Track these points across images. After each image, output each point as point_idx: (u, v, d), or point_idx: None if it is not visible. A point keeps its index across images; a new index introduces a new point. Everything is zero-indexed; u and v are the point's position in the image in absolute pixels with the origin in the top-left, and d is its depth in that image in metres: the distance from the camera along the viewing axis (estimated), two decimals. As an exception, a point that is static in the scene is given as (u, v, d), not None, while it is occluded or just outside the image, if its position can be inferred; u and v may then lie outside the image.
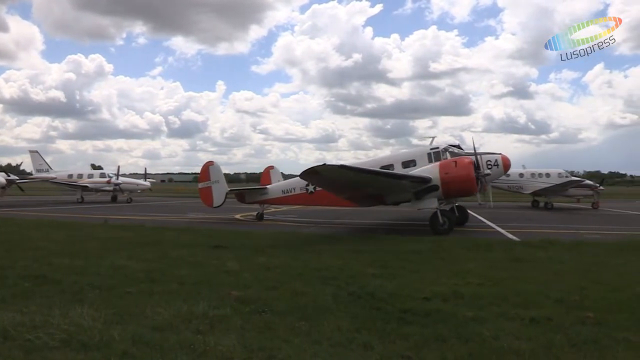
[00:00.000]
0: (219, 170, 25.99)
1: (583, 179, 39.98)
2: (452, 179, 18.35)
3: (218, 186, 25.32)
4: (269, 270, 10.45)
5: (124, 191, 43.66)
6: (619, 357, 5.55)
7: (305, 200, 23.51)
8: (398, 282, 9.21)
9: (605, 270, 10.78)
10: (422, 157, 20.68)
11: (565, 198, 39.58)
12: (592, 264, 11.52)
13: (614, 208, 39.75)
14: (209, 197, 25.54)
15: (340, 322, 6.69)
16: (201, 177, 26.28)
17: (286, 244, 14.67)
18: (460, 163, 18.58)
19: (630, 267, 11.10)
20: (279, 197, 24.34)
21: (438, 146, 21.17)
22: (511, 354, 5.60)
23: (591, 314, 7.18)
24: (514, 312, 7.26)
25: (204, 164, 26.51)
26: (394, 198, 19.84)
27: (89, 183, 43.31)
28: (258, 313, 7.13)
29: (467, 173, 18.44)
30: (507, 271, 10.49)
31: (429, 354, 5.61)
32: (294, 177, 25.23)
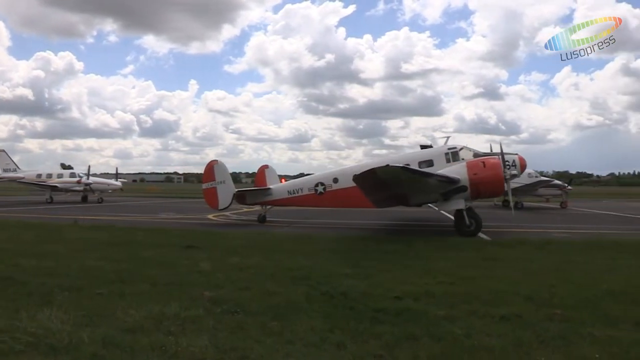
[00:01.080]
0: (224, 170, 24.63)
1: (552, 179, 40.73)
2: (481, 180, 18.14)
3: (224, 187, 23.96)
4: (242, 270, 10.41)
5: (94, 191, 42.98)
6: (584, 351, 5.68)
7: (313, 201, 22.50)
8: (370, 282, 9.27)
9: (573, 268, 11.00)
10: (440, 157, 20.14)
11: (535, 198, 40.26)
12: (560, 262, 11.74)
13: (582, 207, 40.56)
14: (214, 199, 24.14)
15: (313, 321, 6.70)
16: (205, 177, 24.67)
17: (259, 244, 14.60)
18: (489, 164, 18.34)
19: (596, 265, 11.35)
20: (285, 198, 23.20)
21: (455, 146, 20.68)
22: (482, 351, 5.69)
23: (559, 310, 7.35)
24: (484, 310, 7.37)
25: (207, 163, 24.95)
26: (421, 199, 19.46)
27: (58, 183, 42.51)
28: (230, 313, 7.11)
29: (497, 173, 18.28)
30: (478, 270, 10.62)
31: (401, 352, 5.66)
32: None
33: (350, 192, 20.82)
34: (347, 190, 21.09)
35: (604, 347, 5.79)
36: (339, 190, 21.46)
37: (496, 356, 5.56)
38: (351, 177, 20.57)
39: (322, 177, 22.50)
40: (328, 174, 22.63)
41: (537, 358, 5.51)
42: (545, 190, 38.35)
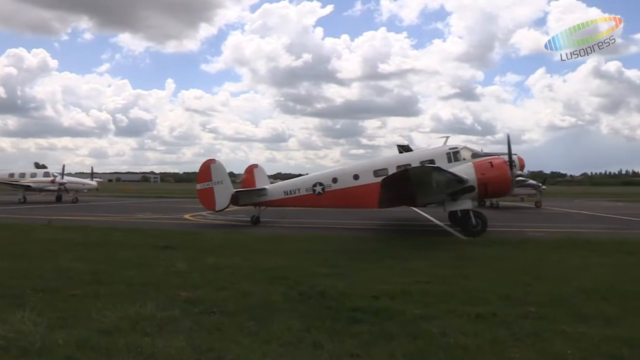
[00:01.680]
0: (222, 170, 23.36)
1: (527, 179, 41.20)
2: (489, 180, 18.14)
3: (222, 187, 22.89)
4: (219, 270, 10.39)
5: (69, 191, 42.34)
6: (556, 348, 5.81)
7: (312, 201, 21.84)
8: (348, 282, 9.31)
9: (547, 266, 11.22)
10: (441, 157, 19.95)
11: (510, 197, 40.72)
12: (535, 261, 11.94)
13: (556, 206, 41.16)
14: (211, 200, 22.97)
15: (290, 321, 6.71)
16: (200, 177, 23.51)
17: (235, 244, 14.57)
18: (496, 164, 18.39)
19: (570, 263, 11.57)
20: (281, 198, 22.45)
21: (457, 146, 20.60)
22: (458, 349, 5.77)
23: (533, 308, 7.50)
24: (460, 308, 7.47)
25: (203, 162, 23.82)
26: (430, 199, 19.36)
27: (32, 182, 41.78)
28: (207, 314, 7.10)
29: (504, 174, 18.34)
30: (455, 269, 10.74)
31: (378, 351, 5.70)
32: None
33: (350, 191, 20.82)
34: (347, 190, 20.93)
35: (576, 343, 5.93)
36: (338, 190, 21.09)
37: (471, 354, 5.63)
38: (351, 177, 20.84)
39: (320, 177, 22.08)
40: (326, 174, 22.23)
41: (512, 355, 5.60)
42: (520, 189, 38.76)
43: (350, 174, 21.16)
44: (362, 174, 20.86)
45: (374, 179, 20.40)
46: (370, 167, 21.28)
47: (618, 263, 11.62)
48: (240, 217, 27.29)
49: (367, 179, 20.62)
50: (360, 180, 20.77)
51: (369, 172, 20.84)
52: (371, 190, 20.09)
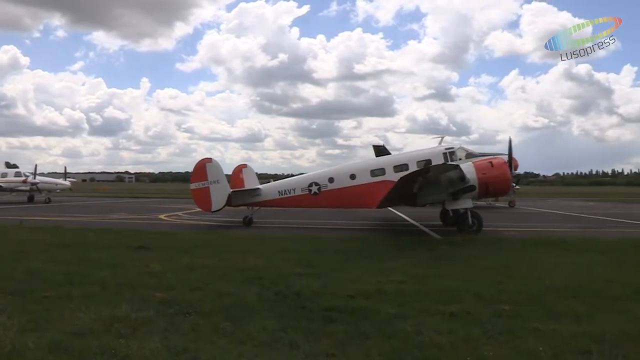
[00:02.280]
0: (218, 169, 22.59)
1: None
2: (489, 179, 18.26)
3: (218, 187, 22.08)
4: (194, 270, 10.34)
5: (41, 191, 41.64)
6: (529, 345, 5.92)
7: (307, 202, 21.58)
8: (323, 281, 9.34)
9: (520, 265, 11.38)
10: (438, 157, 20.10)
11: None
12: (508, 259, 12.11)
13: (529, 206, 41.76)
14: (206, 200, 22.17)
15: (265, 321, 6.72)
16: (195, 176, 22.65)
17: (211, 244, 14.48)
18: (496, 163, 18.55)
19: (542, 262, 11.76)
20: (276, 199, 21.96)
21: (453, 146, 20.84)
22: (432, 348, 5.83)
23: (507, 306, 7.61)
24: (435, 307, 7.54)
25: (198, 161, 23.05)
26: (432, 198, 19.26)
27: (2, 182, 41.00)
28: (182, 314, 7.06)
29: (504, 173, 18.53)
30: (429, 268, 10.84)
31: (353, 351, 5.74)
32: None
33: (347, 191, 20.75)
34: (343, 190, 20.83)
35: (547, 340, 6.06)
36: (335, 190, 20.95)
37: (446, 352, 5.70)
38: (348, 176, 20.79)
39: (315, 176, 21.90)
40: (322, 174, 22.04)
41: (485, 353, 5.68)
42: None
43: (346, 174, 21.10)
44: (359, 174, 20.84)
45: (370, 179, 20.54)
46: (367, 166, 21.32)
47: (589, 262, 11.83)
48: (218, 217, 27.16)
49: (364, 179, 20.66)
50: (357, 180, 20.74)
51: (365, 171, 20.88)
52: (368, 190, 20.28)
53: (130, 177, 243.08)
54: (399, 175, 19.55)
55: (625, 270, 10.74)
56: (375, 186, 20.27)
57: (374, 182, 20.39)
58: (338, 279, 9.65)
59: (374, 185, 20.34)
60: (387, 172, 20.45)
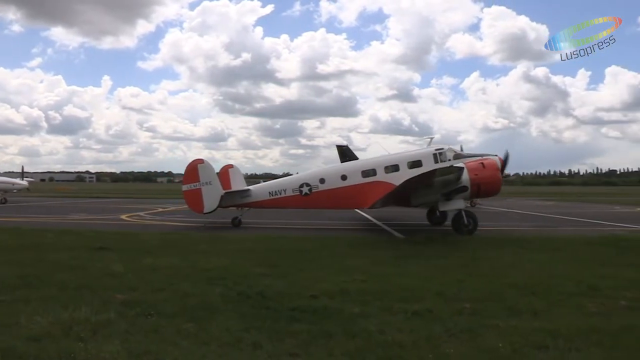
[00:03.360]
0: (210, 170, 22.18)
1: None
2: (481, 180, 18.58)
3: (210, 188, 21.66)
4: (156, 271, 10.23)
5: (-3, 191, 40.47)
6: (489, 342, 6.06)
7: (299, 202, 21.44)
8: (286, 281, 9.37)
9: (481, 263, 11.62)
10: (428, 158, 20.29)
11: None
12: (469, 258, 12.35)
13: (490, 205, 42.47)
14: (198, 201, 21.74)
15: (229, 322, 6.71)
16: (187, 178, 22.14)
17: (174, 245, 14.34)
18: (487, 165, 18.80)
19: (502, 260, 12.04)
20: (266, 199, 21.67)
21: (442, 147, 20.93)
22: (395, 346, 5.91)
23: (468, 304, 7.77)
24: (397, 306, 7.64)
25: (190, 162, 22.58)
26: (426, 199, 19.52)
27: (-44, 182, 39.72)
28: (144, 316, 6.98)
29: (496, 174, 18.88)
30: (392, 267, 10.97)
31: (316, 350, 5.77)
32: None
33: (339, 192, 20.79)
34: (335, 190, 20.86)
35: (507, 337, 6.21)
36: (326, 190, 20.92)
37: (408, 351, 5.78)
38: (339, 177, 20.89)
39: (306, 177, 21.83)
40: (313, 174, 22.01)
41: (446, 351, 5.79)
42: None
43: (337, 175, 21.19)
44: (350, 175, 20.97)
45: (362, 180, 20.70)
46: (358, 167, 21.46)
47: (547, 259, 12.14)
48: (178, 217, 26.89)
49: (355, 180, 20.79)
50: (348, 181, 20.85)
51: (357, 172, 21.01)
52: (359, 191, 20.44)
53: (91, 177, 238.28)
54: (389, 176, 20.26)
55: (580, 267, 11.08)
56: (366, 187, 20.51)
57: (365, 183, 20.59)
58: (301, 278, 9.68)
59: (365, 185, 20.56)
60: (378, 173, 20.70)
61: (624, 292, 8.63)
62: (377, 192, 19.73)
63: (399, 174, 20.06)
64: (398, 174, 20.08)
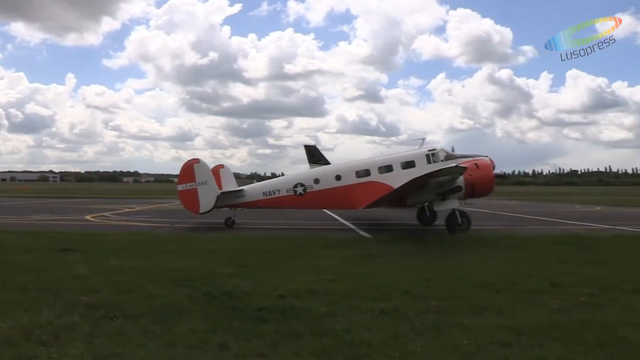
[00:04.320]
0: (206, 170, 21.82)
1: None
2: (475, 180, 18.84)
3: (206, 188, 21.35)
4: (122, 273, 10.07)
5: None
6: (454, 339, 6.17)
7: (293, 202, 21.39)
8: (254, 281, 9.35)
9: (448, 262, 11.82)
10: (421, 159, 20.58)
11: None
12: (435, 257, 12.54)
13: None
14: (194, 202, 21.36)
15: (195, 323, 6.67)
16: (182, 177, 21.79)
17: (140, 245, 14.11)
18: (482, 165, 19.03)
19: (469, 259, 12.24)
20: (260, 200, 21.49)
21: (434, 147, 21.20)
22: (362, 345, 5.96)
23: (434, 303, 7.90)
24: (365, 305, 7.71)
25: (185, 162, 22.22)
26: (421, 199, 19.78)
27: None
28: (109, 318, 6.89)
29: (490, 174, 19.21)
30: (360, 267, 11.04)
31: (284, 350, 5.79)
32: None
33: (333, 192, 20.87)
34: (330, 190, 20.92)
35: (472, 334, 6.34)
36: (321, 191, 20.97)
37: (375, 349, 5.84)
38: (333, 177, 21.03)
39: (300, 177, 21.95)
40: (307, 175, 22.17)
41: (413, 348, 5.86)
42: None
43: (332, 175, 21.31)
44: (344, 175, 21.09)
45: (356, 180, 20.86)
46: (352, 167, 21.55)
47: (511, 258, 12.40)
48: (145, 217, 26.56)
49: (350, 180, 20.93)
50: (343, 181, 20.97)
51: (351, 172, 21.14)
52: (354, 191, 20.60)
53: (54, 177, 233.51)
54: (383, 176, 20.51)
55: (543, 265, 11.34)
56: (360, 187, 20.67)
57: (359, 183, 20.75)
58: (269, 278, 9.67)
59: (359, 186, 20.72)
60: (372, 173, 20.88)
61: (584, 289, 8.90)
62: (371, 192, 20.02)
63: (392, 174, 20.49)
64: (392, 174, 20.50)
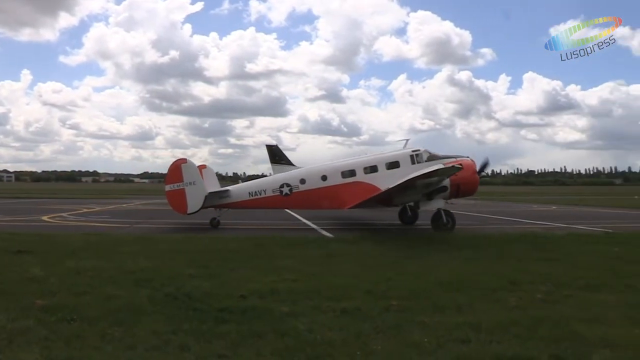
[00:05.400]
0: (194, 170, 21.52)
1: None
2: (461, 180, 19.21)
3: (194, 188, 21.04)
4: (79, 274, 9.84)
5: None
6: (415, 337, 6.25)
7: (279, 203, 21.48)
8: (215, 282, 9.29)
9: (409, 261, 11.94)
10: (405, 159, 20.85)
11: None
12: (398, 256, 12.66)
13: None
14: (182, 202, 21.08)
15: (155, 325, 6.59)
16: (170, 178, 21.49)
17: (98, 246, 13.81)
18: (466, 166, 19.16)
19: (430, 258, 12.40)
20: (245, 200, 21.38)
21: (418, 148, 21.40)
22: (324, 344, 5.98)
23: (395, 302, 7.97)
24: (326, 304, 7.74)
25: (173, 162, 21.89)
26: (408, 199, 20.11)
27: None
28: (66, 321, 6.73)
29: (474, 175, 19.65)
30: (321, 266, 11.06)
31: (245, 351, 5.77)
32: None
33: (319, 192, 20.94)
34: (316, 191, 20.98)
35: (432, 332, 6.44)
36: (307, 191, 21.05)
37: (336, 348, 5.87)
38: (319, 177, 21.11)
39: (287, 177, 22.04)
40: (293, 175, 22.17)
41: (374, 347, 5.92)
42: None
43: (318, 175, 21.35)
44: (330, 175, 21.18)
45: (341, 180, 21.01)
46: (337, 168, 21.67)
47: (471, 256, 12.62)
48: (104, 217, 26.07)
49: (335, 180, 21.07)
50: (329, 181, 21.08)
51: (336, 173, 21.28)
52: (339, 191, 20.76)
53: (9, 176, 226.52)
54: (368, 176, 20.77)
55: (501, 263, 11.59)
56: (346, 187, 20.85)
57: (344, 183, 20.93)
58: (231, 279, 9.62)
59: (345, 186, 20.89)
60: (358, 174, 21.08)
61: (540, 286, 9.14)
62: (357, 192, 20.29)
63: (377, 174, 20.81)
64: (377, 174, 20.83)
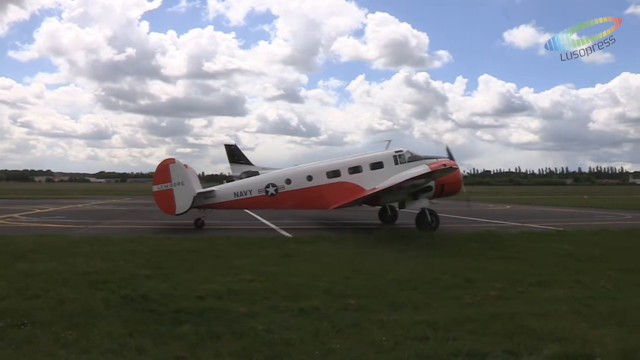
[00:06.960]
0: (182, 170, 21.15)
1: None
2: (445, 180, 19.67)
3: (182, 189, 20.70)
4: (30, 277, 9.56)
5: None
6: (374, 336, 6.33)
7: (265, 203, 21.24)
8: (172, 282, 9.21)
9: (366, 260, 12.08)
10: (389, 160, 21.15)
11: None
12: (355, 255, 12.79)
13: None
14: (170, 202, 20.72)
15: (111, 327, 6.49)
16: (157, 178, 21.12)
17: (52, 248, 13.42)
18: (450, 166, 19.24)
19: (387, 257, 12.60)
20: (231, 200, 21.16)
21: (401, 149, 21.64)
22: (282, 344, 6.01)
23: (353, 300, 8.07)
24: (284, 304, 7.78)
25: (161, 162, 21.58)
26: (394, 198, 20.44)
27: None
28: (16, 326, 6.54)
29: (458, 175, 19.97)
30: (279, 266, 11.08)
31: (203, 352, 5.74)
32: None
33: (305, 192, 20.95)
34: (301, 191, 20.98)
35: (390, 330, 6.53)
36: (292, 191, 20.99)
37: (295, 348, 5.91)
38: (305, 178, 21.16)
39: (272, 177, 21.94)
40: (279, 175, 22.02)
41: (333, 346, 5.97)
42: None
43: (303, 175, 21.37)
44: (316, 175, 21.24)
45: (326, 180, 21.14)
46: (322, 168, 21.74)
47: (428, 255, 12.87)
48: (58, 218, 25.42)
49: (321, 180, 21.14)
50: (314, 182, 21.12)
51: (322, 173, 21.35)
52: (325, 191, 20.90)
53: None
54: (353, 177, 21.00)
55: (457, 261, 11.84)
56: (331, 187, 21.00)
57: (330, 184, 21.05)
58: (187, 280, 9.55)
59: (330, 186, 21.03)
60: (343, 174, 21.22)
61: (494, 283, 9.39)
62: (342, 192, 20.60)
63: (362, 174, 21.12)
64: (361, 174, 21.12)
